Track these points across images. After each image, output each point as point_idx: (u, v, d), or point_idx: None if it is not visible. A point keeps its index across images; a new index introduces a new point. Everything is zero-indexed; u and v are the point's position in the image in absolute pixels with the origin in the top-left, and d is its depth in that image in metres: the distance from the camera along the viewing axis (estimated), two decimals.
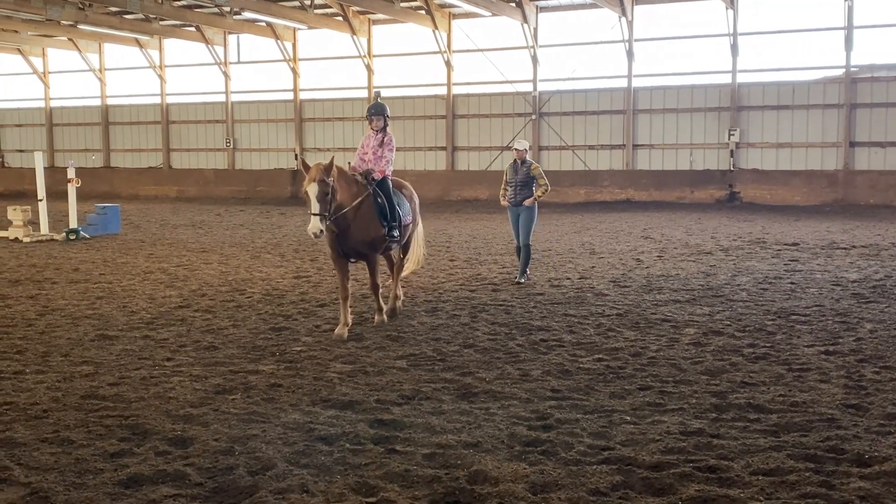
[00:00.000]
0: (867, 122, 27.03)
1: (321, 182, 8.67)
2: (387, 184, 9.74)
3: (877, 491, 4.92)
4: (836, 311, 10.38)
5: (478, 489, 5.01)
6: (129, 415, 6.44)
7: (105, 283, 13.10)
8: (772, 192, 27.87)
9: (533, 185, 12.78)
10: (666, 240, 18.61)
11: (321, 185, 8.66)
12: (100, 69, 39.07)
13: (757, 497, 4.89)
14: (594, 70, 30.36)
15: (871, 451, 5.52)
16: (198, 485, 5.13)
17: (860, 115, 27.09)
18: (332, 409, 6.59)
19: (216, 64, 35.91)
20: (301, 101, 35.21)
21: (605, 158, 30.52)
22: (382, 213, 9.55)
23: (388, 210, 9.60)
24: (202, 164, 37.35)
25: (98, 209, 21.06)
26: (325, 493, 5.00)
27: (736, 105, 28.43)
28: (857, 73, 27.25)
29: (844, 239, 18.16)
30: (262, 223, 23.53)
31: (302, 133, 35.36)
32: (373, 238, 9.51)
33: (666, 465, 5.38)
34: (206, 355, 8.42)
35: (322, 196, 8.66)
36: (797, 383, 7.23)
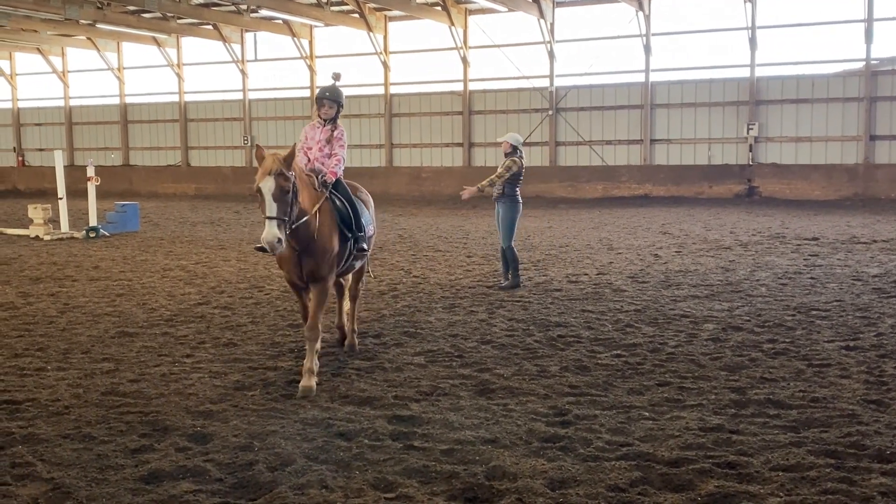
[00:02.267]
0: (888, 116, 26.77)
1: (279, 176, 6.62)
2: (343, 186, 7.93)
3: None
4: (857, 306, 10.30)
5: (496, 485, 5.01)
6: (149, 411, 6.49)
7: (125, 280, 13.19)
8: (791, 187, 27.67)
9: (515, 180, 12.12)
10: (684, 235, 18.51)
11: (279, 180, 6.61)
12: (118, 68, 39.33)
13: (777, 493, 4.86)
14: (611, 65, 30.26)
15: (892, 447, 5.47)
16: (218, 480, 5.16)
17: (881, 109, 26.84)
18: (350, 406, 6.61)
19: (233, 62, 36.07)
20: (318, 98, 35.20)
21: (623, 154, 30.40)
22: (345, 221, 7.60)
23: (353, 217, 7.69)
24: (220, 161, 37.55)
25: (117, 207, 21.20)
26: (344, 488, 5.02)
27: (754, 99, 28.23)
28: (878, 65, 26.98)
29: (865, 233, 18.00)
30: None
31: None
32: (333, 255, 7.38)
33: (685, 460, 5.36)
34: (225, 352, 8.46)
35: (281, 195, 6.62)
36: (817, 379, 7.18)
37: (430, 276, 13.19)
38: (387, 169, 34.07)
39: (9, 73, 42.02)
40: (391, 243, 17.75)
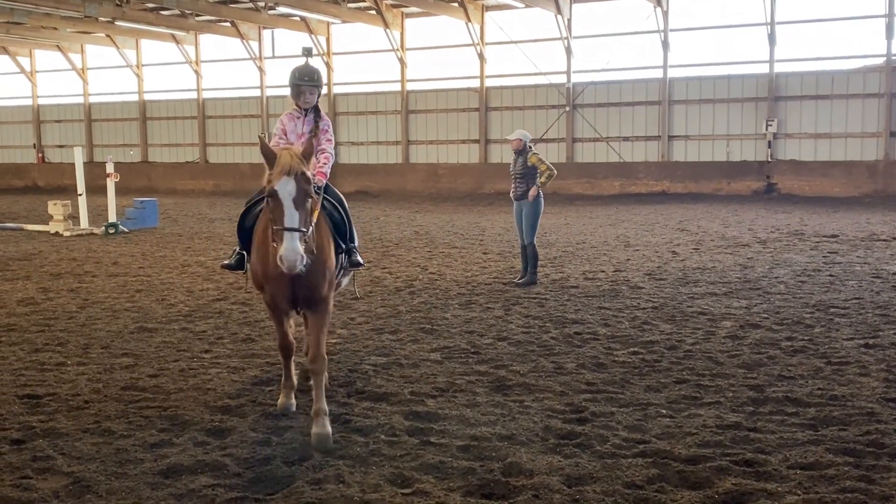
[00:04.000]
0: None
1: (301, 178, 5.52)
2: (332, 188, 6.77)
3: None
4: (876, 303, 10.22)
5: (512, 481, 5.02)
6: (168, 406, 6.54)
7: (144, 276, 13.28)
8: (810, 184, 27.46)
9: (535, 176, 12.00)
10: (702, 232, 18.42)
11: (301, 182, 5.51)
12: (137, 65, 39.54)
13: (795, 491, 4.84)
14: (629, 61, 30.12)
15: None
16: (236, 475, 5.19)
17: None
18: (367, 401, 6.64)
19: (251, 59, 36.18)
20: (334, 95, 35.35)
21: (640, 150, 30.27)
22: (339, 230, 6.46)
23: (347, 225, 6.60)
24: (238, 158, 37.68)
25: (136, 203, 21.35)
26: (361, 483, 5.04)
27: (773, 95, 28.02)
28: None
29: (885, 230, 17.84)
30: None
31: (336, 127, 35.49)
32: (332, 271, 6.25)
33: (702, 458, 5.35)
34: (243, 347, 8.51)
35: (302, 200, 5.51)
36: (836, 377, 7.13)
37: (447, 273, 13.20)
38: (403, 166, 34.09)
39: (29, 71, 42.35)
40: (407, 240, 17.77)
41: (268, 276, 6.00)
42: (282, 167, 5.54)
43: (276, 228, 5.47)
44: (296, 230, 5.41)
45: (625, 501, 4.76)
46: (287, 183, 5.49)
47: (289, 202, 5.44)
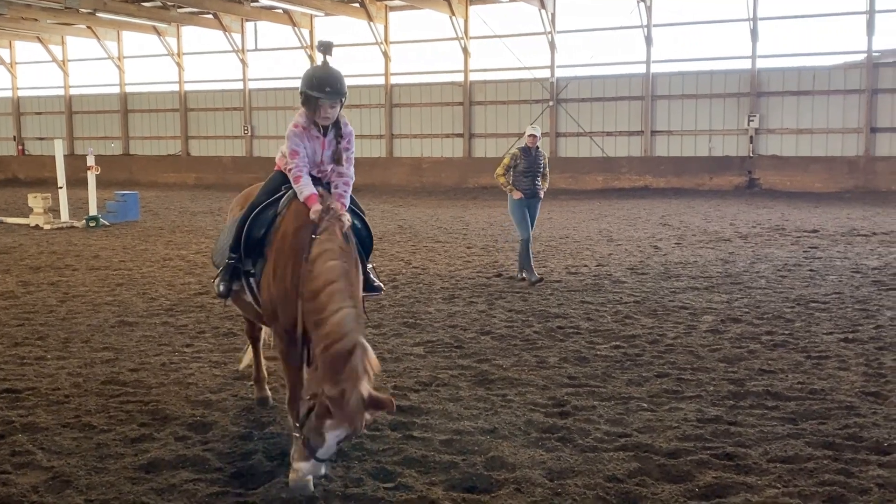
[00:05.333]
0: (889, 108, 26.72)
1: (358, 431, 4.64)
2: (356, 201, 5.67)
3: (895, 479, 4.90)
4: (856, 298, 10.30)
5: (495, 475, 5.03)
6: (149, 400, 6.51)
7: (125, 269, 13.20)
8: (791, 179, 27.64)
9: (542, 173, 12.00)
10: (684, 227, 18.51)
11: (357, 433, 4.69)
12: (118, 57, 39.23)
13: (774, 484, 4.88)
14: (612, 56, 30.19)
15: (889, 439, 5.50)
16: (217, 470, 5.18)
17: (882, 101, 26.79)
18: None
19: (233, 51, 35.98)
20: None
21: (623, 145, 30.36)
22: (366, 249, 5.60)
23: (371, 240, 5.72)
24: (220, 151, 37.50)
25: (117, 196, 21.20)
26: (344, 478, 5.04)
27: (755, 91, 28.17)
28: (879, 57, 26.91)
29: (865, 226, 17.99)
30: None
31: None
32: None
33: (683, 452, 5.38)
34: (225, 342, 8.48)
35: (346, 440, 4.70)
36: (816, 371, 7.19)
37: (430, 267, 13.20)
38: (387, 159, 34.03)
39: (9, 62, 41.92)
40: (391, 234, 17.75)
41: (289, 300, 4.96)
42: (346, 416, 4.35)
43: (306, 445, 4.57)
44: (325, 462, 4.72)
45: (606, 495, 4.78)
46: (343, 432, 4.45)
47: (333, 443, 4.52)
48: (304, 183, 5.20)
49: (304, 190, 5.17)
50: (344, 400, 4.32)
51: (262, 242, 5.25)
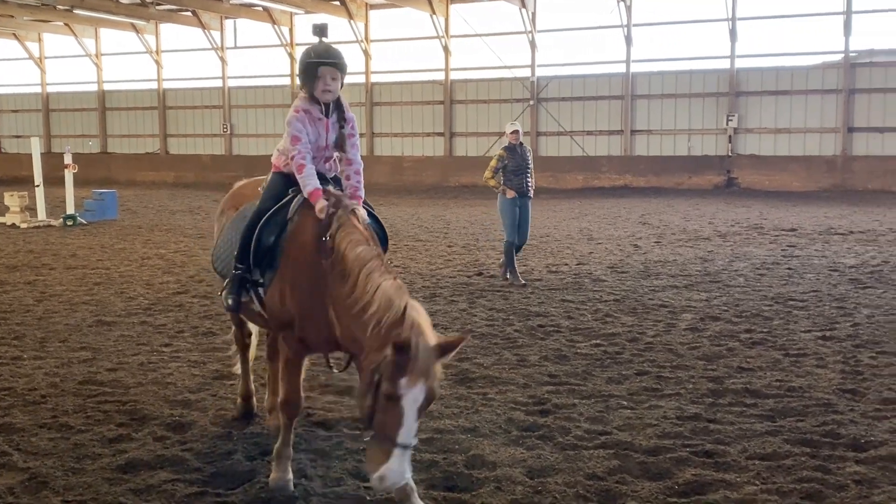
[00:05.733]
0: (866, 108, 27.00)
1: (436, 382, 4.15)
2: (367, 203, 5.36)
3: (872, 475, 4.95)
4: (834, 296, 10.39)
5: (475, 473, 5.03)
6: (127, 400, 6.45)
7: (102, 269, 13.09)
8: (770, 178, 27.87)
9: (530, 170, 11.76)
10: (664, 225, 18.60)
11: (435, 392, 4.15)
12: (96, 54, 38.92)
13: (753, 481, 4.91)
14: (593, 55, 30.33)
15: (866, 436, 5.54)
16: (196, 470, 5.14)
17: (859, 101, 27.07)
18: (330, 395, 6.61)
19: (213, 49, 35.79)
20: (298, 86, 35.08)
21: (604, 144, 30.49)
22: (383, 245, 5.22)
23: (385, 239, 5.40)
24: (199, 149, 37.29)
25: (95, 195, 21.01)
26: (324, 477, 5.02)
27: (734, 90, 28.37)
28: (856, 58, 27.19)
29: (842, 224, 18.16)
30: None
31: None
32: None
33: (663, 449, 5.40)
34: (204, 341, 8.42)
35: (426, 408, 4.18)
36: (794, 368, 7.25)
37: (411, 266, 13.18)
38: (367, 158, 33.74)
39: None
40: None
41: (304, 313, 4.69)
42: (420, 368, 3.99)
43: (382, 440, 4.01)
44: (409, 447, 4.08)
45: (586, 493, 4.79)
46: (420, 392, 4.02)
47: (412, 412, 4.02)
48: (308, 174, 4.87)
49: (308, 183, 4.84)
50: (412, 346, 3.95)
51: (274, 251, 4.85)
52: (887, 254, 13.83)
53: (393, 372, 3.97)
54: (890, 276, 11.69)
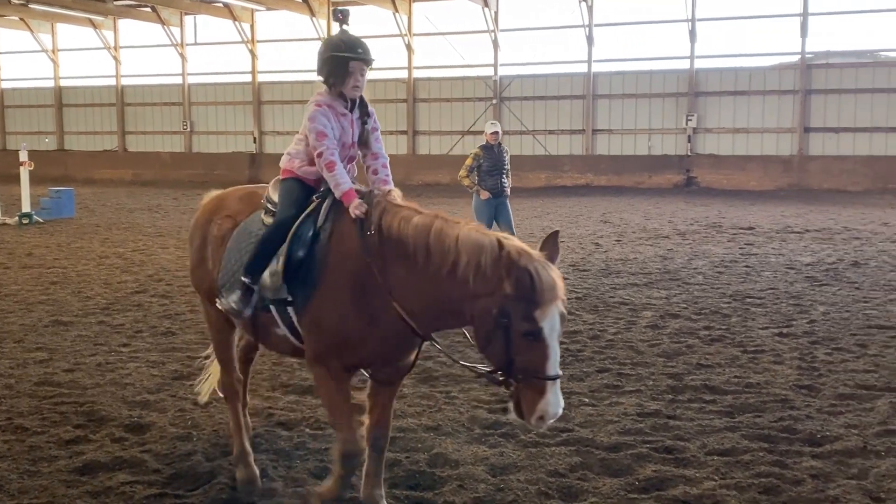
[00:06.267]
0: (821, 108, 27.49)
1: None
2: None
3: (828, 469, 5.04)
4: (790, 293, 10.57)
5: (438, 472, 5.03)
6: (84, 401, 6.35)
7: (59, 268, 12.86)
8: (728, 177, 28.24)
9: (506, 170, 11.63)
10: (624, 224, 18.77)
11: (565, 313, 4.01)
12: (52, 50, 38.23)
13: (712, 477, 4.97)
14: (555, 55, 30.50)
15: (822, 431, 5.65)
16: (155, 471, 5.07)
17: (815, 101, 27.54)
18: (292, 395, 6.56)
19: (172, 45, 35.35)
20: (259, 83, 34.83)
21: (566, 143, 30.67)
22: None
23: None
24: (159, 147, 36.81)
25: (52, 193, 20.66)
26: (285, 478, 4.99)
27: (693, 91, 28.71)
28: (813, 59, 27.68)
29: (798, 223, 18.47)
30: None
31: (261, 116, 34.99)
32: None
33: (623, 445, 5.45)
34: (163, 341, 8.32)
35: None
36: (752, 365, 7.35)
37: None
38: None
39: None
40: None
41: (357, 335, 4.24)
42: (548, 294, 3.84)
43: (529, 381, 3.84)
44: (559, 378, 3.94)
45: (548, 490, 4.82)
46: (556, 318, 3.89)
47: (554, 341, 3.90)
48: (340, 172, 4.45)
49: (341, 182, 4.41)
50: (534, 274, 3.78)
51: (308, 266, 4.33)
52: (842, 252, 14.10)
53: (525, 307, 3.77)
54: (845, 274, 11.92)
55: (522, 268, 3.77)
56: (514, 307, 3.77)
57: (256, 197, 4.95)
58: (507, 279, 3.77)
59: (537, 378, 3.82)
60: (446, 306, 4.06)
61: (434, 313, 4.13)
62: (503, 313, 3.79)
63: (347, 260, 4.26)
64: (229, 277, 4.66)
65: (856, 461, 5.15)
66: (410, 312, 4.12)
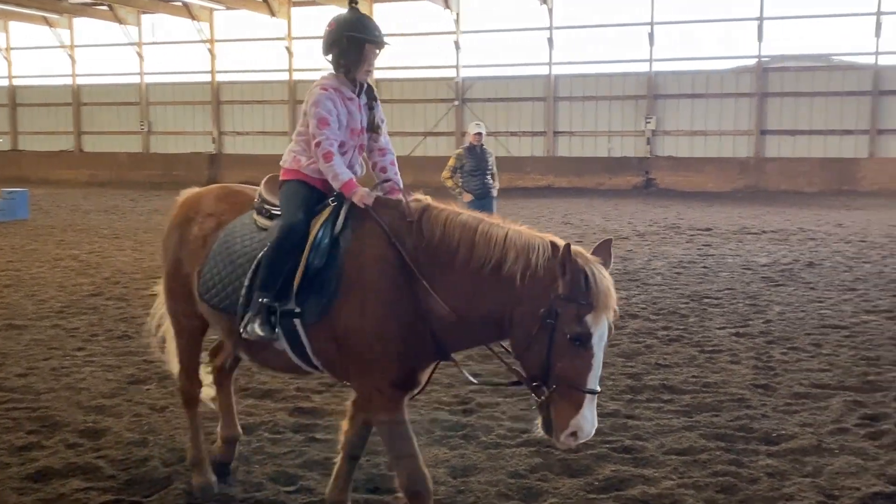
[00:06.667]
0: (777, 111, 27.94)
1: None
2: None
3: (783, 468, 5.12)
4: (747, 294, 10.71)
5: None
6: (38, 406, 6.22)
7: (13, 270, 12.61)
8: (686, 179, 28.56)
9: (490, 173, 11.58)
10: (585, 225, 18.90)
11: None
12: (6, 49, 37.48)
13: (670, 476, 5.02)
14: (516, 57, 30.61)
15: (778, 430, 5.73)
16: (110, 477, 4.99)
17: (771, 104, 27.99)
18: (250, 399, 6.50)
19: (130, 44, 34.86)
20: (218, 83, 34.48)
21: (527, 145, 30.81)
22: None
23: None
24: (115, 147, 36.24)
25: (5, 194, 20.26)
26: (244, 482, 4.94)
27: (652, 93, 29.02)
28: (769, 63, 28.13)
29: (755, 224, 18.74)
30: None
31: (220, 116, 34.65)
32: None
33: (583, 446, 5.41)
34: (119, 345, 8.19)
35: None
36: (709, 364, 7.44)
37: None
38: None
39: None
40: None
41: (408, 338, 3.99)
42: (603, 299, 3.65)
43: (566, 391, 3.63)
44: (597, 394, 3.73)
45: (508, 491, 4.82)
46: (605, 328, 3.71)
47: (600, 351, 3.71)
48: (338, 163, 4.22)
49: (340, 173, 4.19)
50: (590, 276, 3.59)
51: (326, 276, 4.04)
52: (798, 252, 14.33)
53: (577, 309, 3.57)
54: (800, 274, 12.12)
55: (580, 268, 3.60)
56: (564, 308, 3.59)
57: (241, 196, 4.73)
58: (560, 279, 3.59)
59: (576, 389, 3.60)
60: (486, 311, 3.81)
61: (472, 321, 3.86)
62: (551, 313, 3.60)
63: (380, 263, 3.98)
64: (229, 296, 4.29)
65: (810, 459, 5.24)
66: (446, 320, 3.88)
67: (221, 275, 4.36)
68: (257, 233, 4.35)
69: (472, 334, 4.01)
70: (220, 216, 4.62)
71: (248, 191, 4.79)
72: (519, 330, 3.72)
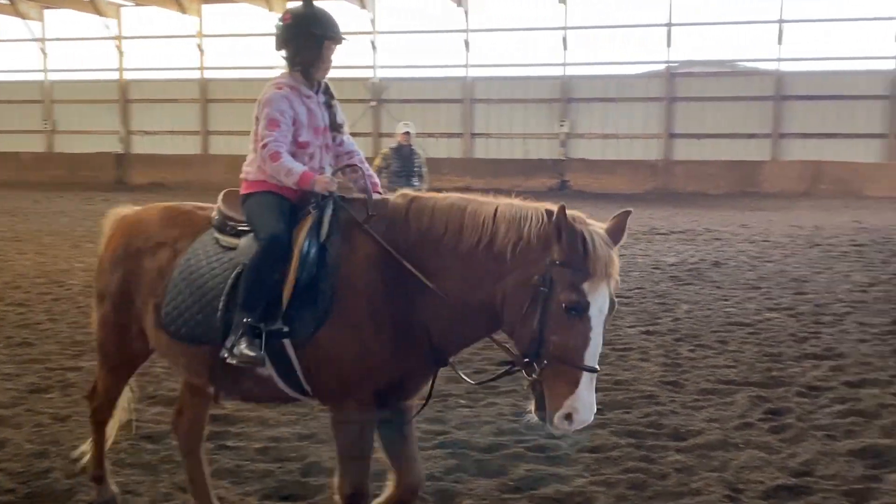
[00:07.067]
0: (685, 115, 28.76)
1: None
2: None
3: (691, 463, 5.24)
4: (656, 292, 10.97)
5: (311, 481, 4.95)
6: None
7: None
8: (599, 181, 29.10)
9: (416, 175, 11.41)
10: None
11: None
12: None
13: (582, 474, 5.09)
14: (433, 59, 30.73)
15: (686, 426, 5.88)
16: (9, 491, 4.78)
17: (679, 109, 28.80)
18: (158, 406, 6.30)
19: (33, 40, 33.58)
20: (126, 81, 33.52)
21: (444, 146, 30.91)
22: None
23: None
24: (17, 146, 34.80)
25: None
26: (151, 492, 4.79)
27: (566, 97, 29.50)
28: (677, 68, 28.94)
29: (664, 225, 19.21)
30: (84, 210, 22.19)
31: (128, 115, 33.69)
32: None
33: (498, 446, 5.50)
34: (19, 352, 7.86)
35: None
36: (620, 362, 7.58)
37: None
38: (204, 156, 32.84)
39: None
40: None
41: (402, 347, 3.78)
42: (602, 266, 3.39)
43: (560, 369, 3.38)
44: (596, 373, 3.48)
45: (424, 493, 4.80)
46: (605, 298, 3.49)
47: (599, 325, 3.47)
48: (287, 159, 3.93)
49: (292, 167, 3.91)
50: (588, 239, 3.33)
51: (317, 288, 3.75)
52: (704, 252, 14.75)
53: (572, 276, 3.29)
54: (706, 273, 12.48)
55: (577, 231, 3.32)
56: (559, 275, 3.31)
57: (191, 216, 4.30)
58: (556, 244, 3.33)
59: (572, 365, 3.33)
60: (485, 295, 3.54)
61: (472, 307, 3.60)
62: (545, 281, 3.33)
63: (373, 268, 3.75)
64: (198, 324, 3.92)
65: (717, 454, 5.38)
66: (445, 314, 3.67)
67: (188, 302, 3.96)
68: (223, 253, 4.00)
69: (472, 325, 3.76)
70: (175, 244, 4.17)
71: (197, 210, 4.38)
72: (511, 301, 3.46)
